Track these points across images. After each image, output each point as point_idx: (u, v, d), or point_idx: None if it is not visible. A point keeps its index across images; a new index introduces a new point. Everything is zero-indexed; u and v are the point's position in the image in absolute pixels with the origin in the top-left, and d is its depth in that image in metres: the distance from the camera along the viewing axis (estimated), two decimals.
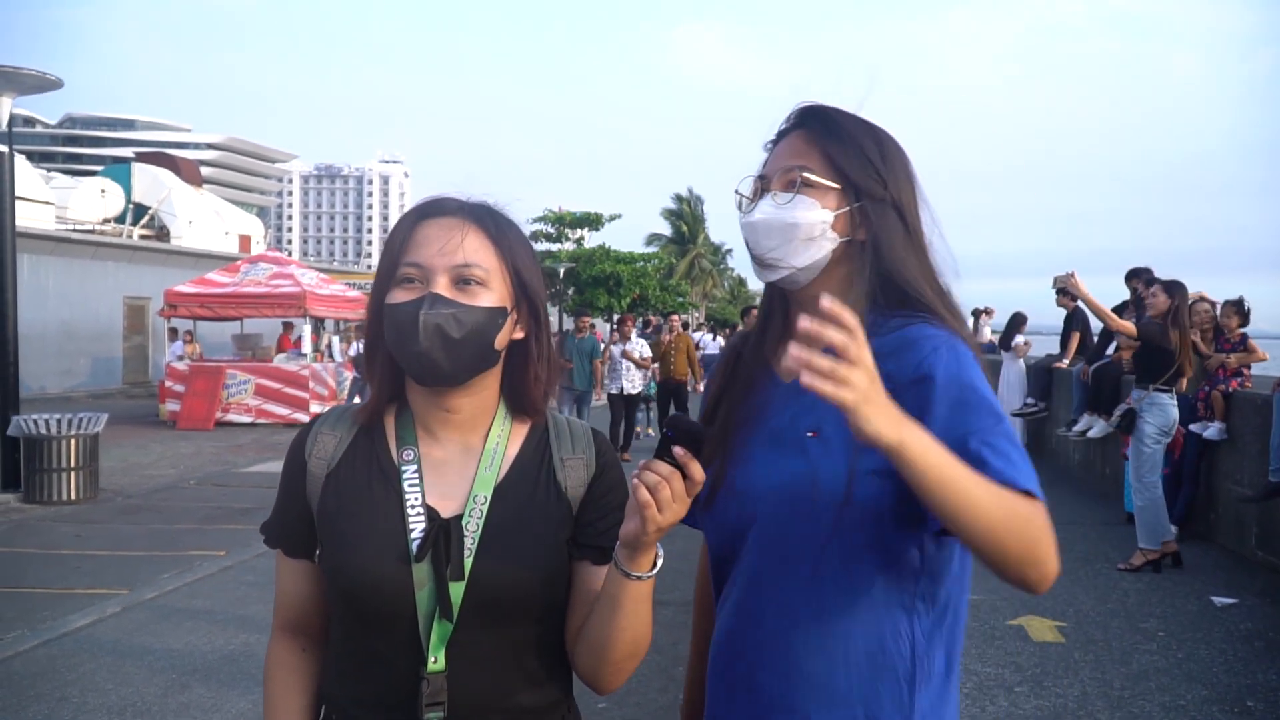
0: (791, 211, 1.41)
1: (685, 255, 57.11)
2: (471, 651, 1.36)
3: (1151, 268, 9.10)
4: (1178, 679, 4.80)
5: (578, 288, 38.68)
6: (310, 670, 1.51)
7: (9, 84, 10.09)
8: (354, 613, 1.39)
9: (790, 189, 1.42)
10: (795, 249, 1.42)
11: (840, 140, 1.44)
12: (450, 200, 1.43)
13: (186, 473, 11.89)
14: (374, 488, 1.41)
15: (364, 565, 1.35)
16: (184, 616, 5.95)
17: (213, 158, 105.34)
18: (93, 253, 26.32)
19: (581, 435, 1.50)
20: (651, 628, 1.38)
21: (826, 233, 1.42)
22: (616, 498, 1.47)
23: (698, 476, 1.23)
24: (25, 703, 4.59)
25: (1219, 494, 7.71)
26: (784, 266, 1.43)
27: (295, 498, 1.46)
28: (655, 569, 1.31)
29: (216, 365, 17.80)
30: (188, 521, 8.93)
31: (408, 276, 1.37)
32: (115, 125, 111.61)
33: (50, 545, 8.00)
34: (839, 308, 1.07)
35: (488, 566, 1.36)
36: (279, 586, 1.51)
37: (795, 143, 1.46)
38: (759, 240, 1.44)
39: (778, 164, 1.46)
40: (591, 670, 1.40)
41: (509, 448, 1.46)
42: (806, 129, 1.47)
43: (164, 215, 35.37)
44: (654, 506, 1.21)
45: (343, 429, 1.47)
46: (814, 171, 1.42)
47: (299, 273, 18.97)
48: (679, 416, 1.27)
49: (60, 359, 24.10)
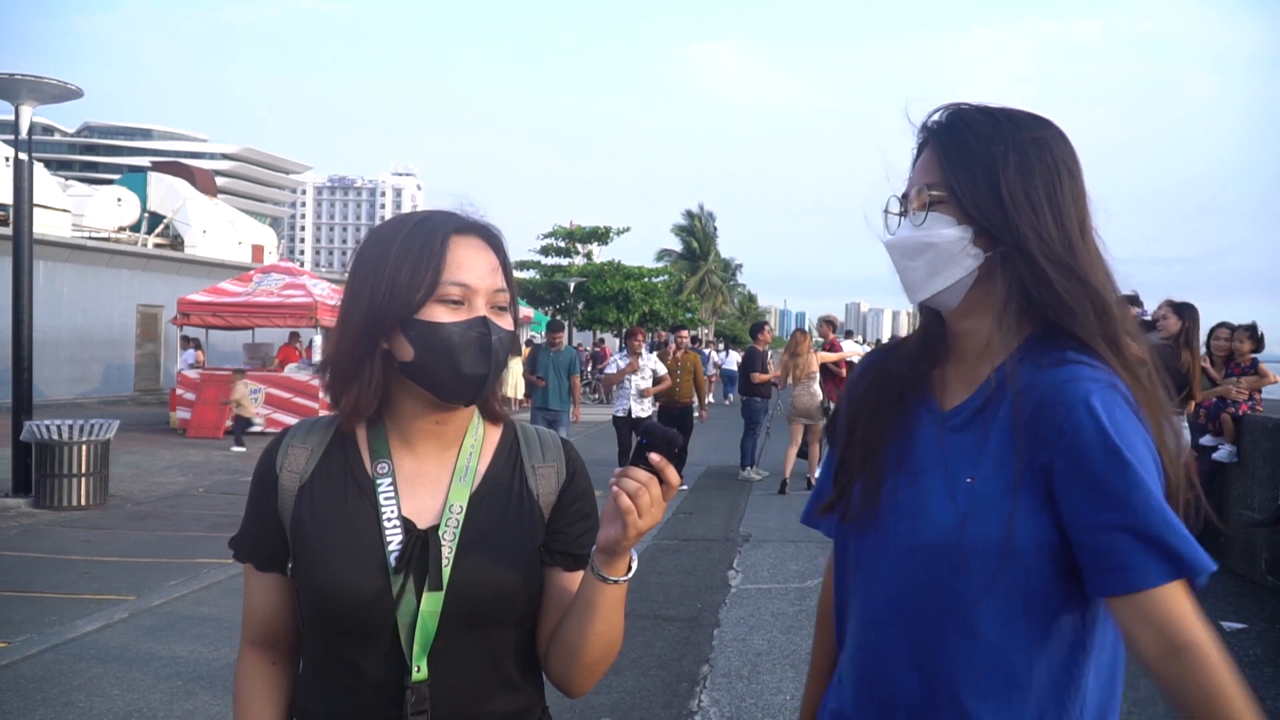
0: (926, 231, 1.37)
1: (696, 271, 57.18)
2: (452, 659, 1.38)
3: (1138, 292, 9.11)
4: None
5: (587, 302, 38.73)
6: (282, 684, 1.50)
7: (30, 93, 10.19)
8: (332, 626, 1.38)
9: (924, 208, 1.38)
10: (935, 270, 1.37)
11: (969, 151, 1.35)
12: (470, 219, 1.44)
13: (196, 480, 11.93)
14: (349, 501, 1.41)
15: (342, 578, 1.36)
16: (190, 624, 5.97)
17: (228, 168, 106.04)
18: (107, 260, 26.50)
19: (551, 444, 1.53)
20: (623, 632, 1.41)
21: (968, 249, 1.35)
22: (586, 505, 1.51)
23: (673, 481, 1.28)
24: (31, 707, 4.60)
25: (1229, 518, 7.67)
26: (927, 288, 1.39)
27: (266, 511, 1.46)
28: (630, 573, 1.34)
29: (227, 374, 17.88)
30: (196, 529, 8.95)
31: (452, 296, 1.37)
32: (133, 135, 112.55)
33: (59, 550, 8.03)
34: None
35: (466, 575, 1.38)
36: (248, 600, 1.50)
37: (928, 158, 1.41)
38: (900, 262, 1.42)
39: (914, 181, 1.42)
40: (564, 674, 1.43)
41: (482, 458, 1.48)
42: (934, 140, 1.41)
43: (179, 224, 35.59)
44: (635, 512, 1.26)
45: (313, 441, 1.47)
46: (941, 189, 1.36)
47: (311, 283, 19.04)
48: (652, 424, 1.33)
49: (74, 365, 24.23)
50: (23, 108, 10.17)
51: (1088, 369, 1.27)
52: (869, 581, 1.40)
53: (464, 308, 1.37)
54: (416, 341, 1.36)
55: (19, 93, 10.09)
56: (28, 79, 10.03)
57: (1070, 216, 1.34)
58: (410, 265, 1.36)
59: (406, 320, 1.36)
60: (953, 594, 1.29)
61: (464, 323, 1.36)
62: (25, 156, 10.19)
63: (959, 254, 1.35)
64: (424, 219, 1.42)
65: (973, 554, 1.27)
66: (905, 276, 1.41)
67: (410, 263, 1.36)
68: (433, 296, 1.36)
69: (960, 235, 1.35)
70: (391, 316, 1.37)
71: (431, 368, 1.37)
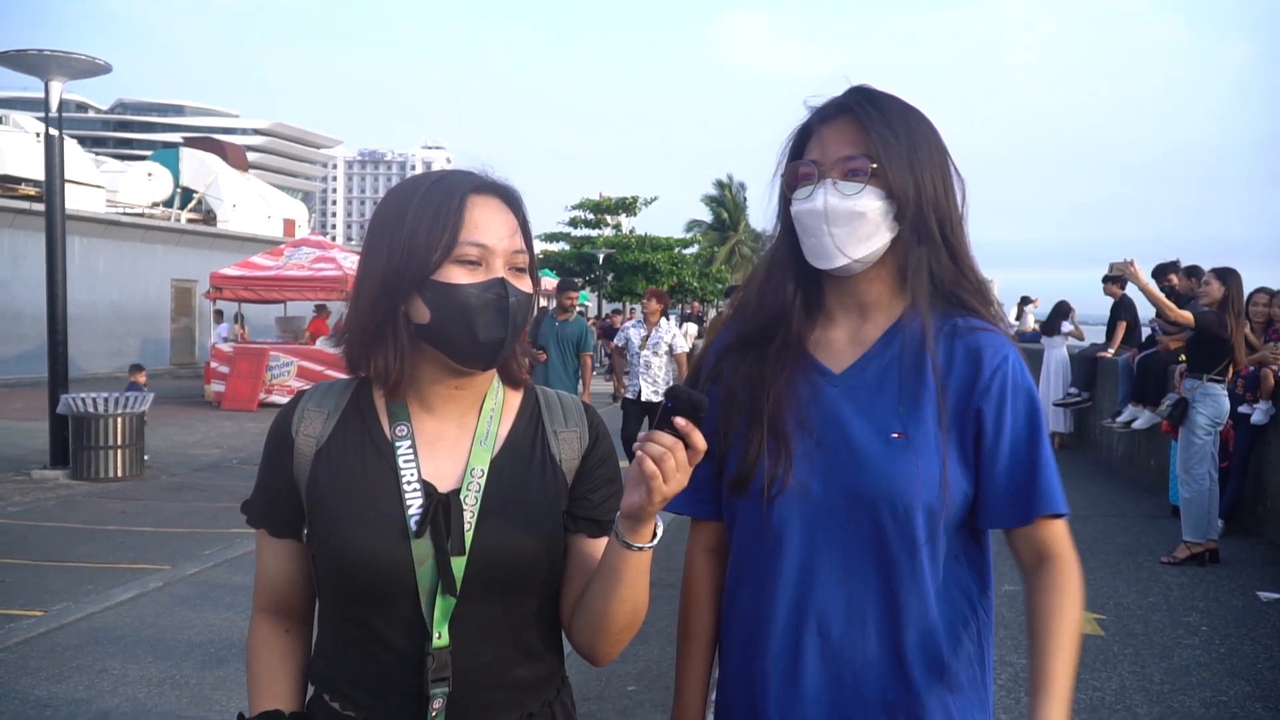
0: (858, 201, 1.43)
1: (726, 242, 56.81)
2: (472, 626, 1.35)
3: (1179, 260, 8.94)
4: (1219, 674, 4.70)
5: (616, 274, 38.66)
6: (296, 651, 1.48)
7: (60, 69, 10.26)
8: (351, 592, 1.35)
9: (853, 178, 1.43)
10: (859, 238, 1.44)
11: (893, 130, 1.45)
12: (489, 178, 1.40)
13: (230, 452, 12.08)
14: (368, 465, 1.38)
15: (362, 543, 1.33)
16: (224, 592, 6.05)
17: (259, 143, 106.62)
18: (141, 235, 26.78)
19: (573, 408, 1.50)
20: (648, 599, 1.38)
21: (889, 222, 1.45)
22: (609, 470, 1.48)
23: (700, 446, 1.25)
24: (67, 673, 4.69)
25: (1267, 487, 7.53)
26: (846, 254, 1.44)
27: (281, 476, 1.42)
28: (655, 539, 1.32)
29: (260, 347, 18.05)
30: (230, 500, 9.05)
31: (470, 257, 1.33)
32: (165, 111, 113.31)
33: (96, 521, 8.17)
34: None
35: (488, 540, 1.35)
36: (261, 567, 1.47)
37: (848, 130, 1.46)
38: (821, 228, 1.44)
39: (834, 150, 1.46)
40: (589, 642, 1.40)
41: (503, 421, 1.44)
42: (859, 114, 1.46)
43: (210, 199, 35.84)
44: (659, 477, 1.23)
45: (330, 404, 1.44)
46: (875, 161, 1.43)
47: (341, 256, 19.14)
48: (679, 387, 1.29)
49: (110, 340, 24.56)
50: (52, 83, 10.24)
51: (997, 333, 1.47)
52: (810, 545, 1.44)
53: (481, 269, 1.34)
54: (433, 304, 1.33)
55: (49, 68, 10.16)
56: (57, 54, 10.10)
57: (956, 202, 1.50)
58: (427, 225, 1.32)
59: (423, 281, 1.32)
60: (903, 542, 1.40)
61: (481, 284, 1.33)
62: (56, 132, 10.27)
63: (882, 226, 1.45)
64: (441, 178, 1.38)
65: (915, 503, 1.39)
66: (824, 242, 1.45)
67: (427, 222, 1.32)
68: (450, 257, 1.32)
69: (886, 209, 1.44)
70: (408, 277, 1.33)
71: (448, 331, 1.33)
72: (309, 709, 1.45)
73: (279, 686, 1.45)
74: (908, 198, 1.44)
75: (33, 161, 23.23)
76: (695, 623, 1.60)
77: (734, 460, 1.48)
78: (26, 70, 10.30)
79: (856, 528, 1.42)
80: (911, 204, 1.45)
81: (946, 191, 1.48)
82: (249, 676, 1.48)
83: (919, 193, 1.45)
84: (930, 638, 1.42)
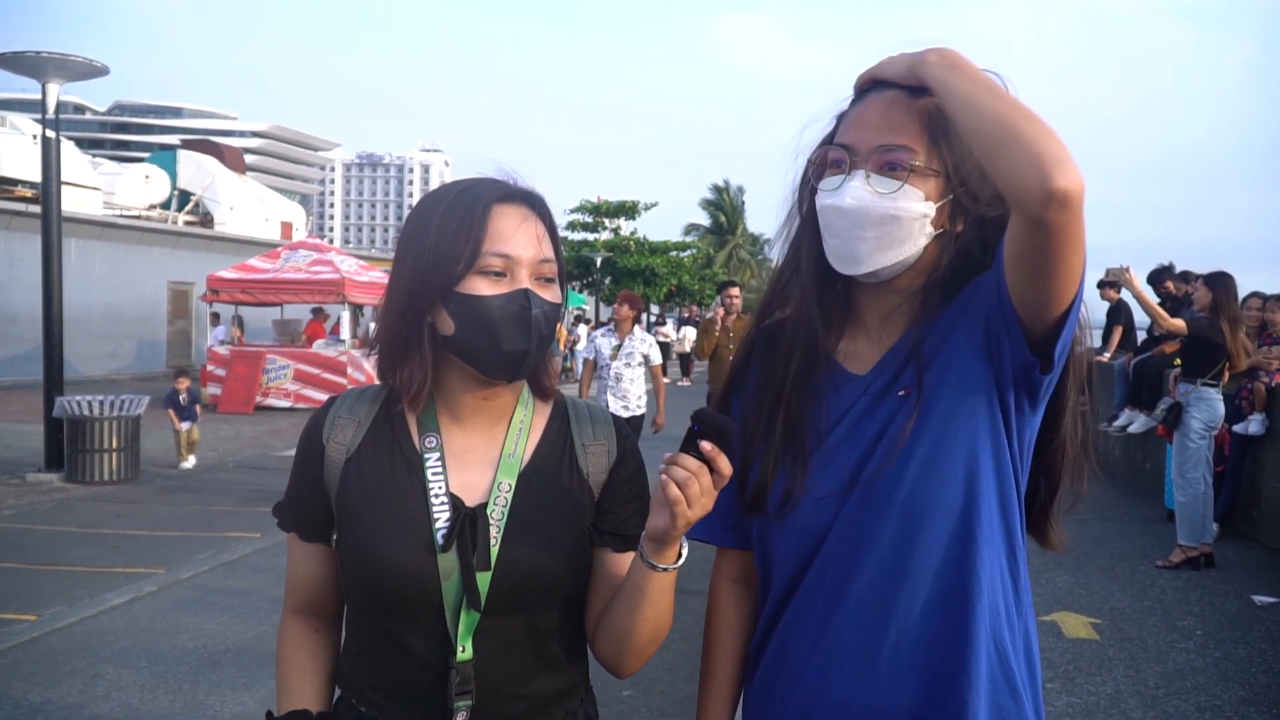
0: (894, 202, 1.25)
1: (724, 246, 56.82)
2: (496, 639, 1.35)
3: (1173, 263, 8.98)
4: (1214, 679, 4.70)
5: (614, 277, 38.67)
6: (324, 652, 1.50)
7: (57, 71, 10.26)
8: (376, 601, 1.36)
9: (891, 172, 1.26)
10: (889, 244, 1.27)
11: (945, 123, 1.25)
12: (515, 187, 1.39)
13: (225, 455, 12.06)
14: (397, 476, 1.38)
15: (388, 554, 1.33)
16: (219, 596, 6.04)
17: (257, 145, 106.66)
18: (138, 238, 26.75)
19: (602, 421, 1.49)
20: (673, 615, 1.38)
21: (925, 228, 1.28)
22: (637, 485, 1.46)
23: (725, 471, 1.23)
24: (60, 678, 4.67)
25: (1262, 491, 7.54)
26: (874, 261, 1.28)
27: (311, 482, 1.43)
28: (680, 560, 1.31)
29: (257, 350, 18.03)
30: (225, 503, 9.05)
31: (494, 268, 1.32)
32: (163, 113, 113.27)
33: (91, 524, 8.15)
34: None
35: (514, 555, 1.34)
36: (291, 570, 1.49)
37: (893, 110, 1.27)
38: (850, 230, 1.28)
39: (872, 136, 1.27)
40: (614, 657, 1.40)
41: (531, 433, 1.44)
42: (906, 91, 1.26)
43: (208, 202, 35.82)
44: (684, 502, 1.22)
45: (361, 413, 1.44)
46: (919, 156, 1.26)
47: (338, 259, 19.14)
48: (705, 410, 1.26)
49: (106, 342, 24.54)
50: (50, 85, 10.24)
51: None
52: (850, 560, 1.31)
53: (506, 279, 1.33)
54: (456, 315, 1.33)
55: (46, 70, 10.15)
56: (54, 57, 10.09)
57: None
58: (451, 235, 1.32)
59: (447, 292, 1.32)
60: (956, 543, 1.27)
61: (504, 295, 1.32)
62: (53, 134, 10.26)
63: (917, 231, 1.28)
64: (467, 187, 1.38)
65: (978, 498, 1.27)
66: (850, 246, 1.29)
67: (451, 232, 1.32)
68: (473, 268, 1.32)
69: (926, 211, 1.27)
70: (433, 288, 1.33)
71: (472, 342, 1.33)
72: (335, 710, 1.46)
73: (307, 686, 1.46)
74: (953, 203, 1.28)
75: (29, 163, 23.24)
76: (717, 662, 1.47)
77: (751, 477, 1.40)
78: (24, 72, 10.29)
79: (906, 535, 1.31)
80: (956, 211, 1.29)
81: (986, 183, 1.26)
82: (278, 676, 1.49)
83: (965, 192, 1.27)
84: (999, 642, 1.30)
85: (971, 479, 1.27)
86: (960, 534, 1.27)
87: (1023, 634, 1.34)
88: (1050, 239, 1.13)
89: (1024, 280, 1.20)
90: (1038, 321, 1.22)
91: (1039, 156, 1.10)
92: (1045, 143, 1.10)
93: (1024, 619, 1.34)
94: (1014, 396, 1.28)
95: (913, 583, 1.28)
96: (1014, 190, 1.13)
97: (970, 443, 1.27)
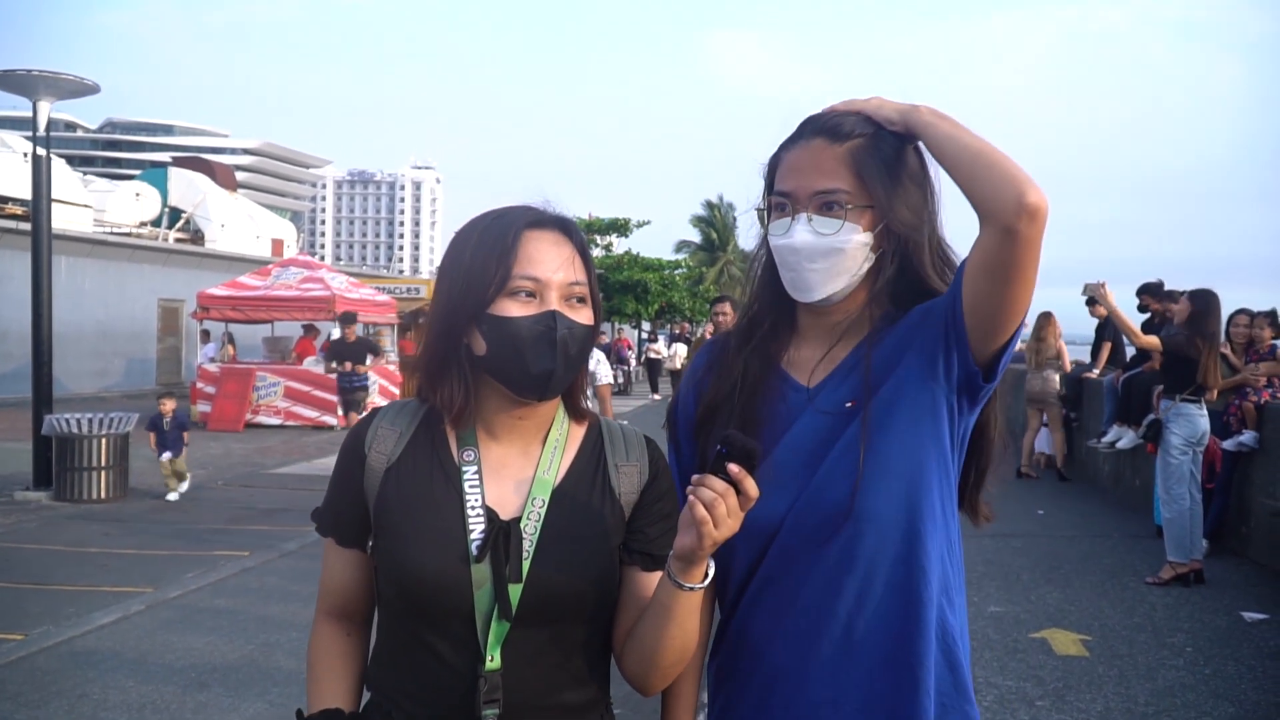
0: (836, 237, 1.45)
1: (715, 263, 56.94)
2: (524, 650, 1.39)
3: (1163, 281, 9.04)
4: (1204, 695, 4.71)
5: (606, 293, 38.69)
6: (355, 654, 1.55)
7: (48, 89, 10.26)
8: (409, 608, 1.40)
9: (828, 213, 1.45)
10: (837, 272, 1.47)
11: (866, 155, 1.45)
12: (547, 212, 1.45)
13: (215, 473, 12.00)
14: (435, 487, 1.43)
15: (424, 562, 1.37)
16: (207, 616, 6.01)
17: (249, 163, 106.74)
18: (129, 255, 26.69)
19: (635, 442, 1.54)
20: (699, 635, 1.43)
21: (866, 253, 1.47)
22: (667, 505, 1.51)
23: (752, 493, 1.28)
24: (47, 699, 4.64)
25: (1251, 507, 7.57)
26: (825, 289, 1.48)
27: (351, 489, 1.48)
28: (707, 579, 1.35)
29: (247, 367, 17.98)
30: (215, 521, 9.01)
31: (525, 290, 1.38)
32: (154, 130, 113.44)
33: (78, 543, 8.10)
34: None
35: (545, 569, 1.39)
36: (326, 573, 1.54)
37: (822, 157, 1.46)
38: (802, 264, 1.47)
39: (809, 182, 1.46)
40: (640, 674, 1.45)
41: (566, 452, 1.49)
42: (829, 140, 1.47)
43: (199, 219, 35.80)
44: (710, 523, 1.26)
45: (403, 424, 1.49)
46: (851, 197, 1.45)
47: (329, 276, 19.12)
48: (733, 433, 1.31)
49: (96, 359, 24.44)
50: (40, 103, 10.24)
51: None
52: (803, 556, 1.46)
53: (535, 301, 1.39)
54: (488, 336, 1.39)
55: (36, 89, 10.16)
56: (45, 75, 10.10)
57: (934, 216, 1.52)
58: (484, 259, 1.39)
59: (480, 314, 1.39)
60: (904, 540, 1.43)
61: (533, 317, 1.37)
62: (44, 152, 10.25)
63: (860, 258, 1.47)
64: (501, 214, 1.44)
65: (923, 498, 1.43)
66: (803, 278, 1.48)
67: (484, 257, 1.39)
68: (504, 291, 1.38)
69: (865, 241, 1.46)
70: (466, 311, 1.40)
71: (502, 362, 1.39)
72: (364, 712, 1.49)
73: (338, 687, 1.51)
74: (885, 227, 1.46)
75: (20, 181, 23.14)
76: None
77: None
78: (14, 90, 10.30)
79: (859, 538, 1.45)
80: (889, 233, 1.47)
81: (923, 208, 1.50)
82: (309, 676, 1.53)
83: (897, 220, 1.46)
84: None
85: (918, 481, 1.43)
86: (908, 532, 1.43)
87: (960, 609, 1.50)
88: (1018, 249, 1.33)
89: (987, 291, 1.38)
90: (989, 336, 1.41)
91: (1015, 178, 1.33)
92: (1018, 169, 1.34)
93: (960, 594, 1.51)
94: (957, 401, 1.46)
95: (864, 574, 1.43)
96: (993, 204, 1.34)
97: (917, 448, 1.44)
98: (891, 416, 1.44)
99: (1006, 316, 1.40)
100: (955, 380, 1.44)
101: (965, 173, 1.37)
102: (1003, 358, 1.44)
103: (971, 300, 1.40)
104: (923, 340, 1.45)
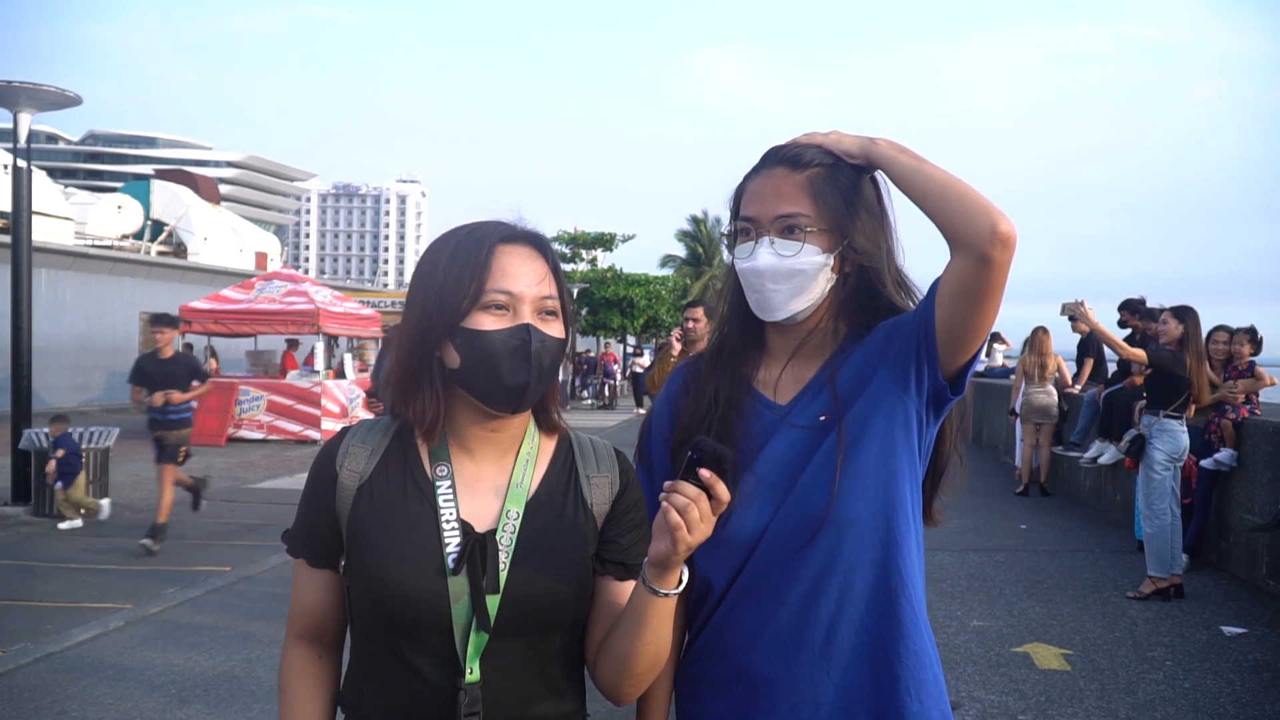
0: (797, 259, 1.52)
1: (700, 277, 57.10)
2: (502, 662, 1.39)
3: (1145, 297, 9.13)
4: (1184, 709, 4.73)
5: (591, 308, 38.70)
6: (327, 677, 1.54)
7: (29, 101, 10.22)
8: (387, 623, 1.40)
9: (789, 236, 1.52)
10: (799, 291, 1.54)
11: (824, 182, 1.54)
12: (519, 228, 1.46)
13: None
14: (409, 502, 1.42)
15: (400, 577, 1.37)
16: (186, 632, 5.96)
17: (232, 176, 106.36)
18: (110, 268, 26.55)
19: (605, 454, 1.56)
20: (671, 643, 1.43)
21: (826, 274, 1.55)
22: (638, 515, 1.53)
23: (724, 497, 1.31)
24: (25, 715, 4.59)
25: (1230, 523, 7.63)
26: (789, 308, 1.55)
27: (323, 509, 1.47)
28: (681, 586, 1.37)
29: (229, 381, 17.88)
30: (195, 537, 8.94)
31: (497, 303, 1.39)
32: (137, 143, 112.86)
33: (57, 559, 8.03)
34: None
35: (522, 580, 1.39)
36: (297, 595, 1.52)
37: (783, 185, 1.54)
38: (765, 285, 1.54)
39: (770, 208, 1.54)
40: (613, 683, 1.46)
41: (538, 464, 1.50)
42: (789, 168, 1.54)
43: (181, 232, 35.69)
44: (684, 528, 1.29)
45: (374, 442, 1.48)
46: (811, 220, 1.52)
47: (313, 290, 19.09)
48: (704, 439, 1.34)
49: (76, 373, 24.26)
50: (21, 115, 10.20)
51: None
52: (783, 564, 1.51)
53: (508, 315, 1.40)
54: (462, 349, 1.39)
55: (17, 100, 10.12)
56: (25, 86, 10.06)
57: (889, 238, 1.59)
58: (457, 273, 1.40)
59: (454, 328, 1.39)
60: (882, 546, 1.50)
61: (507, 330, 1.39)
62: (24, 164, 10.21)
63: (821, 278, 1.55)
64: (474, 229, 1.45)
65: (897, 506, 1.51)
66: (767, 298, 1.55)
67: (457, 271, 1.40)
68: (478, 304, 1.39)
69: (825, 262, 1.54)
70: (440, 324, 1.40)
71: (476, 375, 1.39)
72: None
73: (311, 709, 1.50)
74: (845, 248, 1.53)
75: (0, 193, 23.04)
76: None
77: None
78: None
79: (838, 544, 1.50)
80: (849, 253, 1.54)
81: (879, 234, 1.57)
82: (281, 700, 1.52)
83: (855, 240, 1.54)
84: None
85: (892, 488, 1.51)
86: (885, 536, 1.50)
87: (925, 603, 1.58)
88: (989, 274, 1.41)
89: (959, 313, 1.46)
90: (957, 352, 1.50)
91: (987, 208, 1.42)
92: (986, 200, 1.42)
93: (923, 589, 1.59)
94: (925, 412, 1.54)
95: (844, 578, 1.50)
96: (966, 233, 1.41)
97: (891, 457, 1.51)
98: (867, 428, 1.51)
99: (974, 334, 1.49)
100: (925, 393, 1.52)
101: (934, 203, 1.45)
102: (967, 371, 1.53)
103: (943, 320, 1.48)
104: (894, 356, 1.53)
